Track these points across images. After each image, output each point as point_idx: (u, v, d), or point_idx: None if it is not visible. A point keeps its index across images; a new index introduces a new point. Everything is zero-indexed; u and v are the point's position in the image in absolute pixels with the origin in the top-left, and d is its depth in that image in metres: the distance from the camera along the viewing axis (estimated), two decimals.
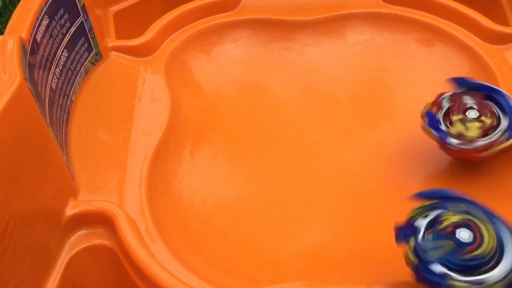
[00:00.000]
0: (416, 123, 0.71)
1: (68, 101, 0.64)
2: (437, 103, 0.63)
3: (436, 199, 0.49)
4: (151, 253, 0.53)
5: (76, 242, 0.55)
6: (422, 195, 0.50)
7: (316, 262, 0.58)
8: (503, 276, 0.42)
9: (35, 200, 0.51)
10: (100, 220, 0.55)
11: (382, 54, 0.78)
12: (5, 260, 0.47)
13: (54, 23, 0.62)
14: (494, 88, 0.63)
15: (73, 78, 0.66)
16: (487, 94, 0.63)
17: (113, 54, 0.73)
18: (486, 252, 0.44)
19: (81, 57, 0.68)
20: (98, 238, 0.56)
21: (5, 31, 0.56)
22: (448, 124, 0.62)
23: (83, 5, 0.67)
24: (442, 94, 0.64)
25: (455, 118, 0.61)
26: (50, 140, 0.53)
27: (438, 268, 0.44)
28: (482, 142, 0.59)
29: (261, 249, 0.59)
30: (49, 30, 0.61)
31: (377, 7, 0.80)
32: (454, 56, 0.76)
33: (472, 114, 0.61)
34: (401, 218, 0.62)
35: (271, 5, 0.81)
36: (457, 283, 0.42)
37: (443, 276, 0.43)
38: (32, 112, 0.51)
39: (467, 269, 0.43)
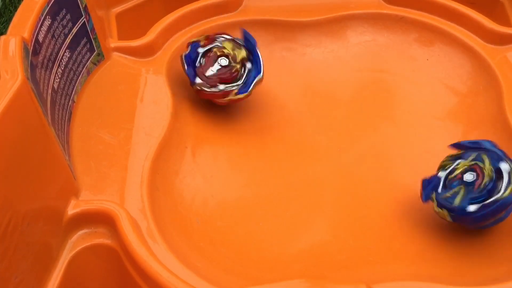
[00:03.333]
0: (418, 123, 0.72)
1: (70, 101, 0.65)
2: None
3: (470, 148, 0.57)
4: (152, 252, 0.53)
5: (78, 242, 0.55)
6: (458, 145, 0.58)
7: (316, 262, 0.58)
8: (506, 185, 0.52)
9: (36, 200, 0.51)
10: (101, 220, 0.55)
11: (384, 55, 0.78)
12: (7, 259, 0.48)
13: (56, 23, 0.62)
14: None
15: (75, 78, 0.66)
16: None
17: (115, 54, 0.73)
18: (488, 180, 0.53)
19: (83, 57, 0.68)
20: (100, 238, 0.56)
21: (5, 31, 0.56)
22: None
23: (85, 5, 0.68)
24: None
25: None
26: (52, 140, 0.53)
27: (472, 207, 0.52)
28: (222, 87, 0.69)
29: (262, 248, 0.59)
30: (51, 31, 0.61)
31: (379, 7, 0.80)
32: (455, 57, 0.76)
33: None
34: (402, 218, 0.62)
35: (273, 6, 0.81)
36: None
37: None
38: (34, 112, 0.51)
39: (487, 198, 0.52)
